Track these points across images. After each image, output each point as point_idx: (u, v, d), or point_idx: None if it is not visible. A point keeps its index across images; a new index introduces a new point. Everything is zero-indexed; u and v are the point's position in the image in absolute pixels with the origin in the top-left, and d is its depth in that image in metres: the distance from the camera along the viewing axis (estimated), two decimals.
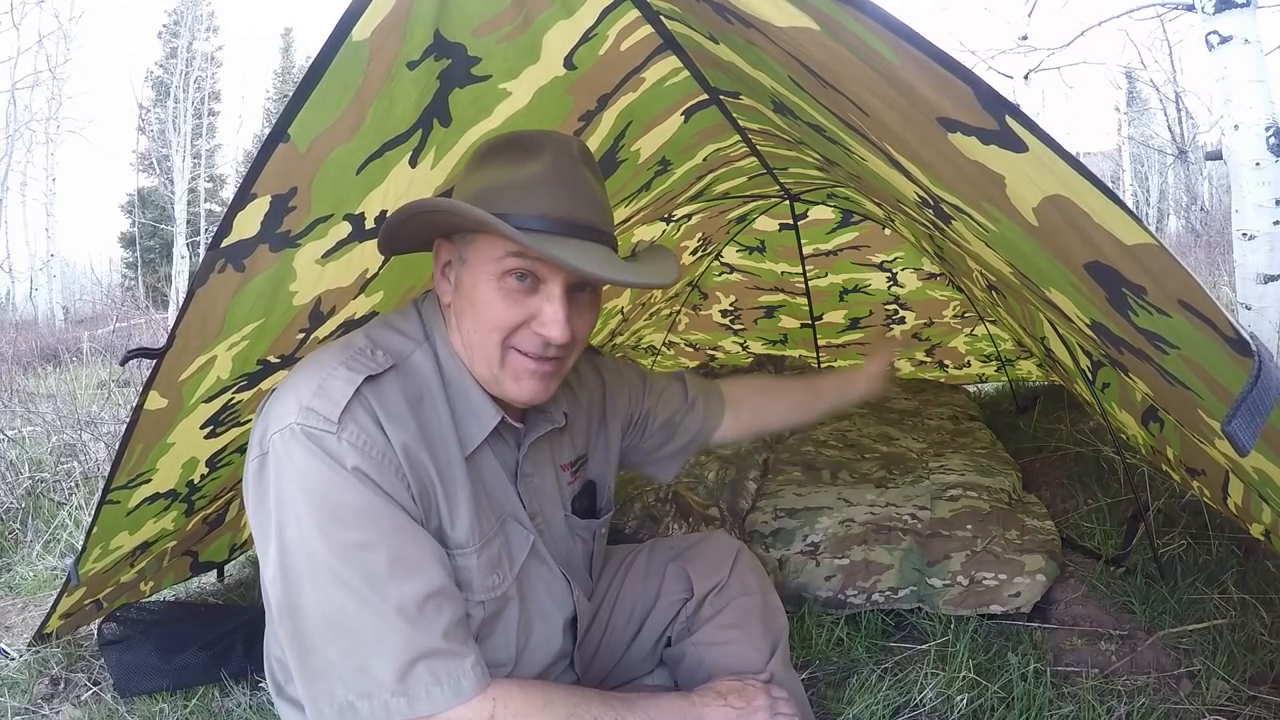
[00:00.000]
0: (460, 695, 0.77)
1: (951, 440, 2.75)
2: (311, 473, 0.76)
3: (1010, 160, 0.71)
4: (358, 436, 0.78)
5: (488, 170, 0.87)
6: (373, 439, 0.79)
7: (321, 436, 0.77)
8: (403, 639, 0.75)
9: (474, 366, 0.89)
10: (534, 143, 0.87)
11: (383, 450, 0.79)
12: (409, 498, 0.81)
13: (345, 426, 0.78)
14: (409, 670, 0.75)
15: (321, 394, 0.79)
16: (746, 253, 3.51)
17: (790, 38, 0.79)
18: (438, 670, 0.77)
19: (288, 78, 23.85)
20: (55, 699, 1.56)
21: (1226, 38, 2.94)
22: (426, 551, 0.80)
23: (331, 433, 0.77)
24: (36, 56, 12.40)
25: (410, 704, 0.75)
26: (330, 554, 0.75)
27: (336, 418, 0.78)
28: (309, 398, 0.79)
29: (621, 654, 1.17)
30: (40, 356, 6.43)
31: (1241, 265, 3.09)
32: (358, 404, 0.79)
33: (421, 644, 0.76)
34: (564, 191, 0.84)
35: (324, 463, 0.76)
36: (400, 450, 0.81)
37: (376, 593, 0.75)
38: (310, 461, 0.76)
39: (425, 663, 0.76)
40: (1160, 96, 12.64)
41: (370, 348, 0.86)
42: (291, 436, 0.77)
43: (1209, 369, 0.82)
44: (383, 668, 0.75)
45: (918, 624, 1.74)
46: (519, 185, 0.83)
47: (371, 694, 0.75)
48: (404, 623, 0.76)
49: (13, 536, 2.49)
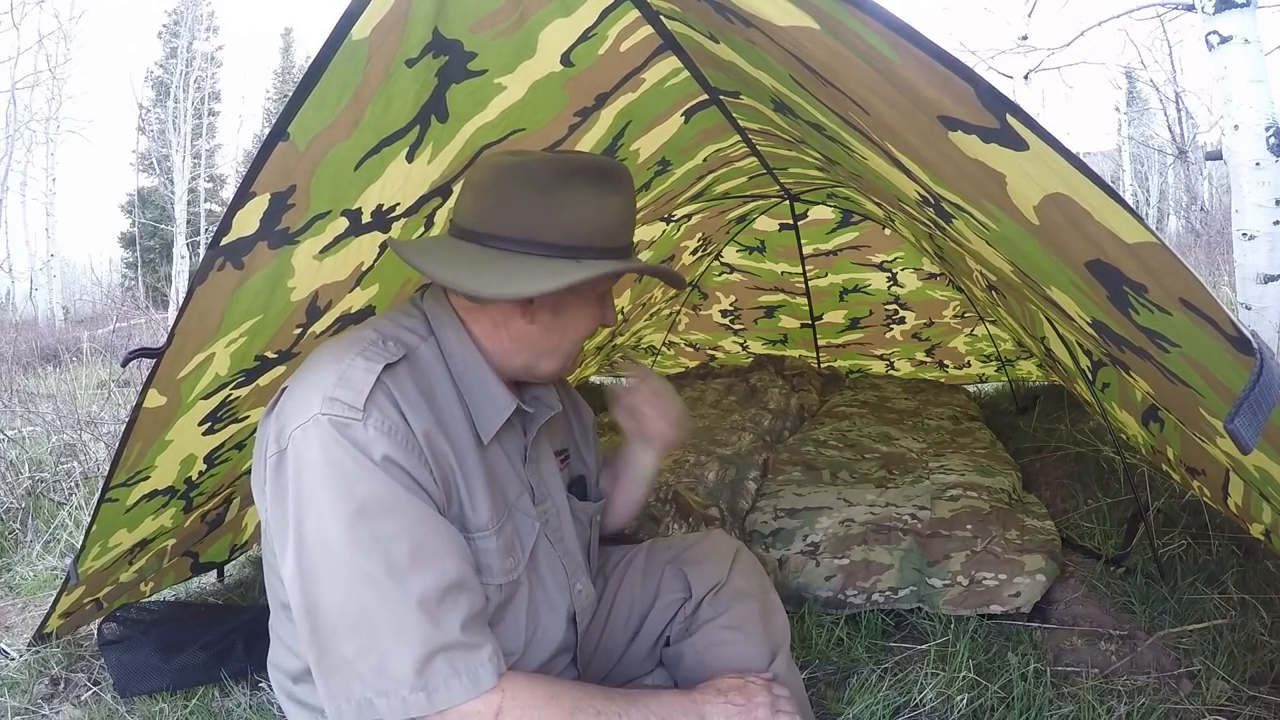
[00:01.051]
0: (478, 686, 0.77)
1: (951, 440, 2.75)
2: (336, 464, 0.77)
3: (1011, 158, 0.71)
4: (383, 423, 0.79)
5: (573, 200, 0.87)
6: (397, 425, 0.80)
7: (348, 425, 0.78)
8: (422, 633, 0.76)
9: (544, 365, 0.96)
10: (613, 175, 0.92)
11: (406, 436, 0.81)
12: (433, 482, 0.82)
13: (370, 413, 0.79)
14: (427, 664, 0.75)
15: (344, 383, 0.80)
16: (746, 253, 3.51)
17: (791, 37, 0.79)
18: (456, 663, 0.77)
19: (288, 78, 23.85)
20: (55, 699, 1.56)
21: (1226, 38, 2.94)
22: (447, 542, 0.81)
23: (358, 420, 0.78)
24: (36, 56, 12.41)
25: (429, 698, 0.75)
26: (351, 548, 0.76)
27: (362, 405, 0.79)
28: (331, 388, 0.79)
29: (620, 654, 1.17)
30: (40, 356, 6.43)
31: (1241, 265, 3.09)
32: (380, 391, 0.81)
33: (440, 637, 0.76)
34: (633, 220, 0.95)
35: (349, 453, 0.77)
36: (422, 436, 0.82)
37: (397, 584, 0.76)
38: (336, 452, 0.77)
39: (444, 656, 0.76)
40: (1160, 96, 12.65)
41: (381, 339, 0.87)
42: (315, 427, 0.78)
43: (1210, 367, 0.82)
44: (401, 663, 0.75)
45: (918, 624, 1.74)
46: (616, 219, 0.91)
47: (389, 691, 0.75)
48: (423, 615, 0.76)
49: (13, 536, 2.49)
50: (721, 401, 3.22)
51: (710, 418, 2.96)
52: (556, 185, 0.87)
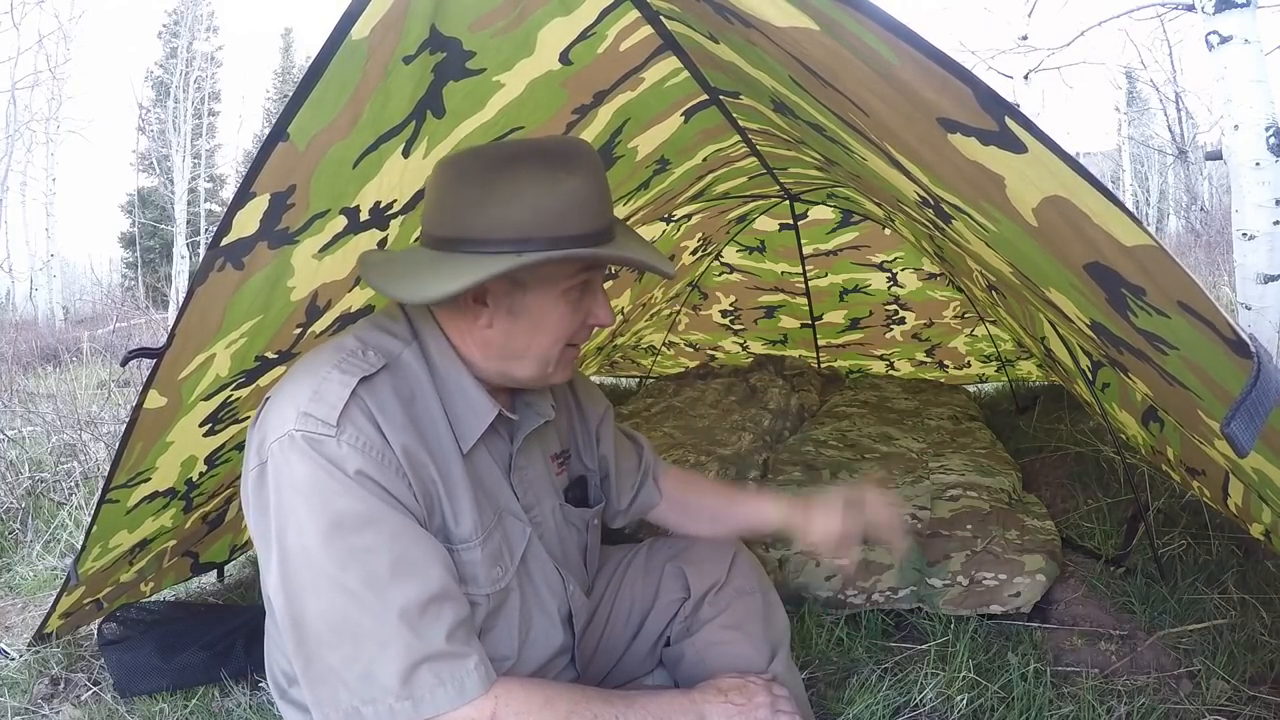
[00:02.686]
0: (464, 695, 0.77)
1: (951, 440, 2.75)
2: (311, 479, 0.76)
3: (1010, 161, 0.71)
4: (357, 438, 0.79)
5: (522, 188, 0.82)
6: (372, 440, 0.80)
7: (321, 441, 0.77)
8: (405, 643, 0.76)
9: (516, 371, 0.91)
10: (565, 155, 0.85)
11: (382, 450, 0.80)
12: (411, 497, 0.82)
13: (344, 429, 0.78)
14: (412, 674, 0.75)
15: (317, 398, 0.79)
16: (746, 253, 3.51)
17: (790, 37, 0.79)
18: (441, 672, 0.77)
19: (288, 78, 23.84)
20: (55, 699, 1.56)
21: (1226, 38, 2.94)
22: (428, 553, 0.80)
23: (331, 436, 0.78)
24: (36, 56, 12.39)
25: (415, 706, 0.75)
26: (331, 561, 0.76)
27: (335, 420, 0.78)
28: (305, 403, 0.79)
29: (620, 654, 1.17)
30: (40, 356, 6.43)
31: (1241, 265, 3.09)
32: (354, 406, 0.80)
33: (424, 648, 0.76)
34: (603, 197, 0.88)
35: (323, 469, 0.77)
36: (399, 450, 0.81)
37: (378, 597, 0.76)
38: (310, 468, 0.77)
39: (429, 665, 0.76)
40: (1160, 96, 12.64)
41: (361, 348, 0.86)
42: (290, 443, 0.77)
43: (1208, 370, 0.82)
44: (386, 672, 0.75)
45: (918, 624, 1.74)
46: (573, 202, 0.83)
47: (376, 699, 0.75)
48: (406, 627, 0.76)
49: (13, 536, 2.49)
50: (721, 401, 3.22)
51: (710, 418, 2.96)
52: (490, 176, 0.82)
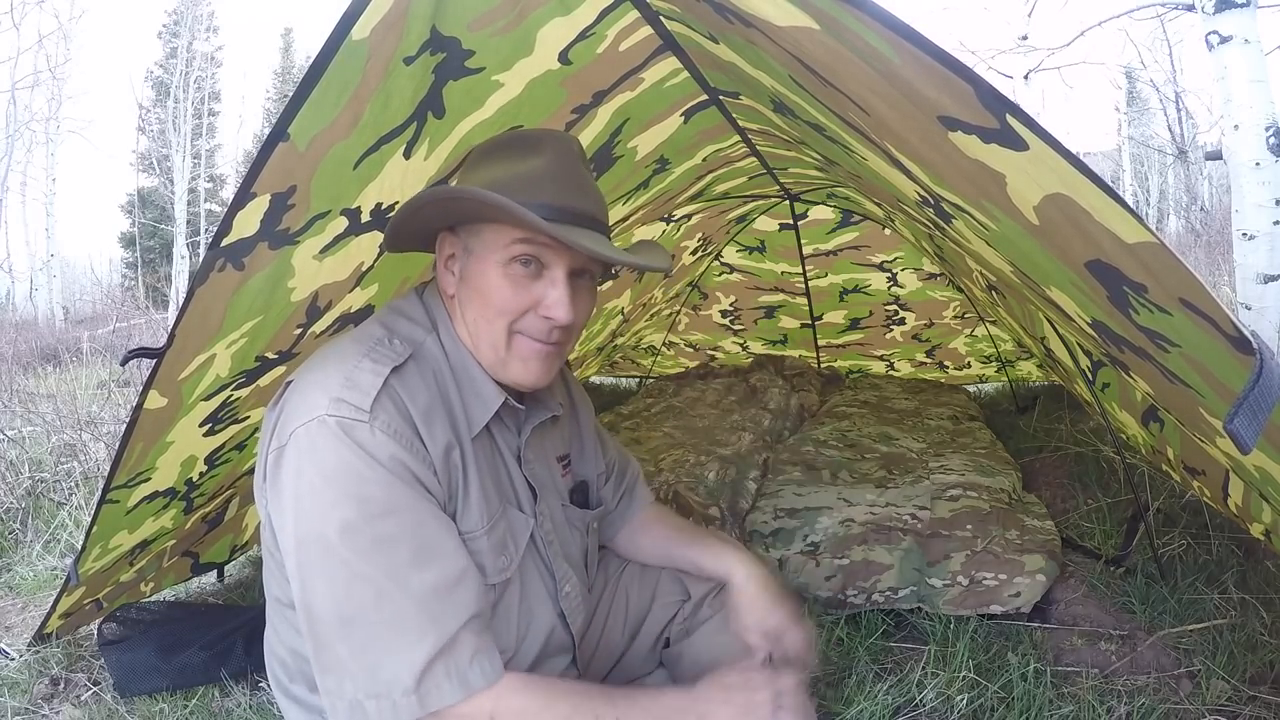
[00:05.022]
0: (469, 689, 0.77)
1: (951, 440, 2.75)
2: (341, 464, 0.77)
3: (1011, 159, 0.71)
4: (389, 425, 0.80)
5: (490, 167, 0.89)
6: (402, 428, 0.81)
7: (354, 426, 0.78)
8: (421, 635, 0.76)
9: (480, 353, 0.91)
10: (535, 140, 0.90)
11: (411, 439, 0.81)
12: (437, 483, 0.83)
13: (377, 416, 0.79)
14: (426, 667, 0.76)
15: (350, 385, 0.80)
16: (746, 253, 3.51)
17: (791, 37, 0.79)
18: (451, 665, 0.77)
19: (288, 78, 23.83)
20: (55, 699, 1.56)
21: (1226, 38, 2.94)
22: (452, 542, 0.82)
23: (364, 422, 0.78)
24: (36, 56, 12.40)
25: (421, 701, 0.75)
26: (350, 549, 0.76)
27: (368, 407, 0.79)
28: (338, 389, 0.80)
29: (620, 655, 1.17)
30: (40, 356, 6.43)
31: (1241, 265, 3.09)
32: (386, 394, 0.81)
33: (439, 639, 0.77)
34: (566, 183, 0.87)
35: (355, 454, 0.77)
36: (428, 438, 0.83)
37: (398, 586, 0.76)
38: (341, 453, 0.77)
39: (441, 658, 0.76)
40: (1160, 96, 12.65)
41: (388, 337, 0.87)
42: (320, 427, 0.78)
43: (1210, 367, 0.82)
44: (398, 666, 0.75)
45: (918, 624, 1.74)
46: (523, 178, 0.86)
47: (380, 694, 0.75)
48: (424, 616, 0.76)
49: (13, 536, 2.49)
50: (721, 401, 3.22)
51: (710, 418, 2.96)
52: (477, 162, 0.91)
